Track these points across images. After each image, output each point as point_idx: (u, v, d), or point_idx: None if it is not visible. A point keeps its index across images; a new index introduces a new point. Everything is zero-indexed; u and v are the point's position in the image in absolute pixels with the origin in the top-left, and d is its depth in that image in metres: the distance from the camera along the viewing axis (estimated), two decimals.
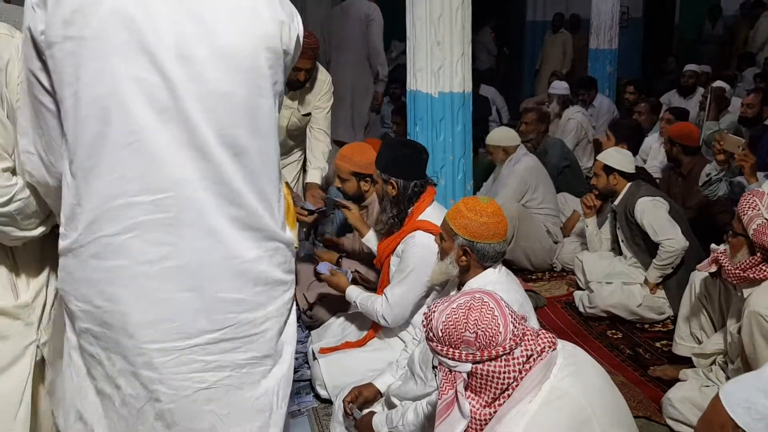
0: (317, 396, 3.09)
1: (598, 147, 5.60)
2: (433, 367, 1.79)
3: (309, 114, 3.91)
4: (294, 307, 1.77)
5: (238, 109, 1.52)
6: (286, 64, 1.61)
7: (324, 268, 3.22)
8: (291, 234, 1.73)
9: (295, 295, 1.78)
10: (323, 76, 3.91)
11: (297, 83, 3.74)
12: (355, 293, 3.09)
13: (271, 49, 1.54)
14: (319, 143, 3.93)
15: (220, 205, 1.52)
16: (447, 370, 1.69)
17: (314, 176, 3.88)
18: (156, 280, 1.51)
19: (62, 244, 1.54)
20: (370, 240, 3.29)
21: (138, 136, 1.44)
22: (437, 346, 1.70)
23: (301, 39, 1.65)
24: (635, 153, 4.71)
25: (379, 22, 5.94)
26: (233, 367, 1.61)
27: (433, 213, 2.92)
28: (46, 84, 1.46)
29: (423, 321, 1.76)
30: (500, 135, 4.96)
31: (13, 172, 1.66)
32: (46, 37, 1.40)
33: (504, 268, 2.54)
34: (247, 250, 1.58)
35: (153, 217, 1.48)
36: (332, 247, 3.88)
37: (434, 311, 1.73)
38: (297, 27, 1.62)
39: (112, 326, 1.53)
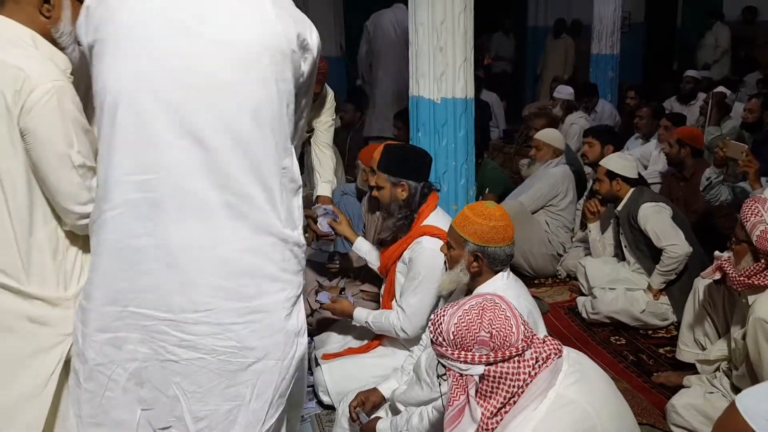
0: (320, 402, 3.08)
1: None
2: (438, 376, 1.77)
3: (313, 130, 3.94)
4: (297, 308, 1.78)
5: (240, 100, 1.60)
6: (295, 64, 1.67)
7: (324, 297, 3.16)
8: (298, 234, 1.74)
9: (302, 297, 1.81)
10: (326, 92, 3.93)
11: None
12: (363, 314, 3.03)
13: (276, 47, 1.62)
14: (326, 157, 3.95)
15: (214, 192, 1.60)
16: (458, 375, 1.67)
17: (325, 189, 3.88)
18: (140, 253, 1.62)
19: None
20: (361, 248, 3.27)
21: (140, 118, 1.58)
22: (447, 350, 1.68)
23: (319, 47, 1.74)
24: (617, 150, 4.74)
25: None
26: (208, 351, 1.66)
27: (437, 218, 2.90)
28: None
29: (429, 326, 1.75)
30: (552, 135, 5.00)
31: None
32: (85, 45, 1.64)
33: (512, 273, 2.54)
34: (239, 240, 1.63)
35: (141, 195, 1.60)
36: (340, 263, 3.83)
37: (443, 315, 1.72)
38: (310, 34, 1.72)
39: (92, 297, 1.68)
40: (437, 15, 3.21)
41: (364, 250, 3.26)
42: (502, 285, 2.40)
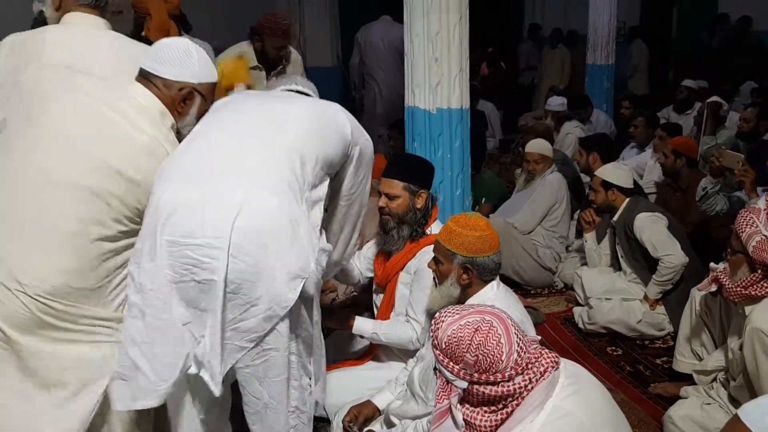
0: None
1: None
2: (434, 369, 1.78)
3: None
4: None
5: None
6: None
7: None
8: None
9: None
10: (296, 56, 4.27)
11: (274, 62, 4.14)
12: (368, 325, 2.95)
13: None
14: None
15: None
16: (445, 380, 1.71)
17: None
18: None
19: None
20: (365, 329, 3.02)
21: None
22: (439, 354, 1.71)
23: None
24: (612, 160, 4.70)
25: None
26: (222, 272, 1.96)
27: (439, 228, 2.88)
28: None
29: (432, 325, 1.76)
30: (546, 145, 4.92)
31: None
32: None
33: (502, 284, 2.53)
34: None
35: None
36: None
37: (443, 321, 1.72)
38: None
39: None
40: (432, 26, 3.21)
41: (369, 329, 3.00)
42: (492, 296, 2.40)
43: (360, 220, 2.69)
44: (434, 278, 2.56)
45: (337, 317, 3.02)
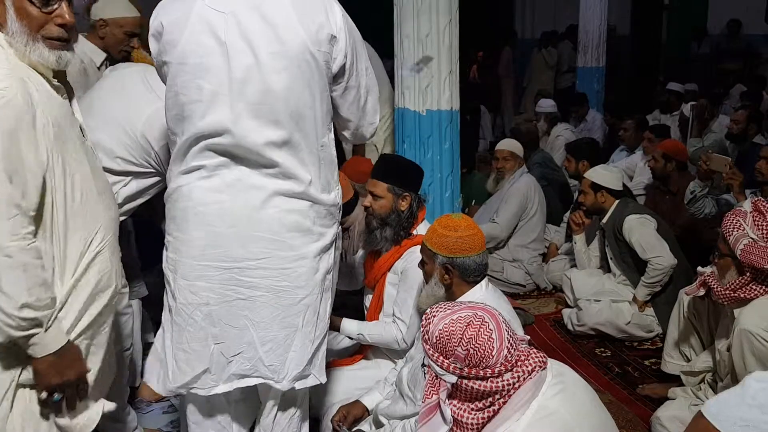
0: None
1: None
2: (423, 365, 1.79)
3: None
4: (331, 253, 2.22)
5: (290, 101, 2.00)
6: (323, 59, 2.06)
7: None
8: (333, 195, 2.18)
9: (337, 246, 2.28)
10: None
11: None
12: (353, 326, 2.97)
13: (301, 55, 2.00)
14: None
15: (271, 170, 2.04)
16: (434, 374, 1.71)
17: None
18: (211, 218, 2.05)
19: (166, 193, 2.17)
20: (351, 330, 3.04)
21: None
22: (429, 349, 1.71)
23: (344, 24, 2.07)
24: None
25: None
26: (267, 289, 2.09)
27: (426, 229, 2.89)
28: None
29: (422, 320, 1.77)
30: (514, 143, 4.91)
31: None
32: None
33: (491, 285, 2.54)
34: (286, 204, 2.06)
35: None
36: None
37: (435, 315, 1.73)
38: (333, 23, 2.04)
39: (179, 251, 2.11)
40: (422, 28, 3.22)
41: (354, 329, 3.02)
42: (481, 296, 2.40)
43: (371, 91, 2.31)
44: (423, 278, 2.57)
45: None
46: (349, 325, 2.98)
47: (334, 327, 2.97)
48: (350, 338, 3.05)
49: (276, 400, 2.30)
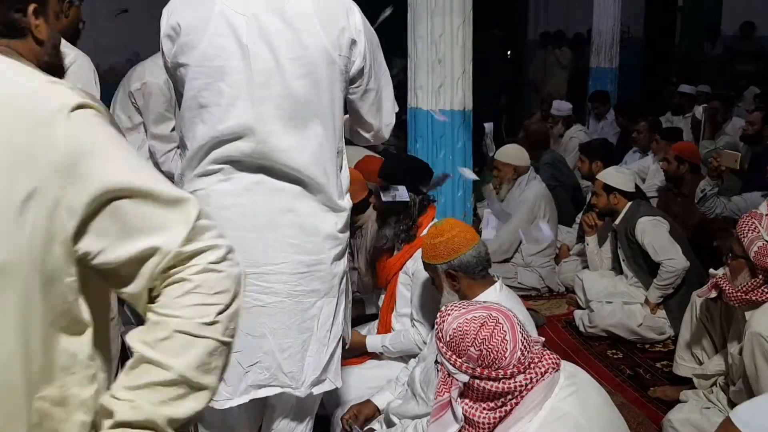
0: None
1: None
2: (436, 362, 1.79)
3: None
4: (346, 256, 2.21)
5: (310, 107, 1.99)
6: (343, 63, 2.04)
7: None
8: (346, 201, 2.15)
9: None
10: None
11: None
12: (377, 341, 2.99)
13: (324, 59, 1.98)
14: None
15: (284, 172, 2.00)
16: (446, 372, 1.71)
17: None
18: (230, 221, 1.97)
19: None
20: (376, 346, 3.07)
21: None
22: (442, 347, 1.72)
23: (362, 26, 2.05)
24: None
25: None
26: (287, 294, 2.05)
27: None
28: None
29: (437, 318, 1.77)
30: (512, 153, 4.80)
31: None
32: None
33: (505, 287, 2.54)
34: (306, 209, 2.04)
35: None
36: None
37: (449, 314, 1.74)
38: (353, 27, 2.03)
39: None
40: (436, 28, 3.22)
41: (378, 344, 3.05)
42: (494, 298, 2.40)
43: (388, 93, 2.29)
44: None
45: (351, 341, 2.97)
46: (373, 341, 2.99)
47: (359, 345, 2.99)
48: (380, 355, 3.04)
49: (289, 406, 2.26)
